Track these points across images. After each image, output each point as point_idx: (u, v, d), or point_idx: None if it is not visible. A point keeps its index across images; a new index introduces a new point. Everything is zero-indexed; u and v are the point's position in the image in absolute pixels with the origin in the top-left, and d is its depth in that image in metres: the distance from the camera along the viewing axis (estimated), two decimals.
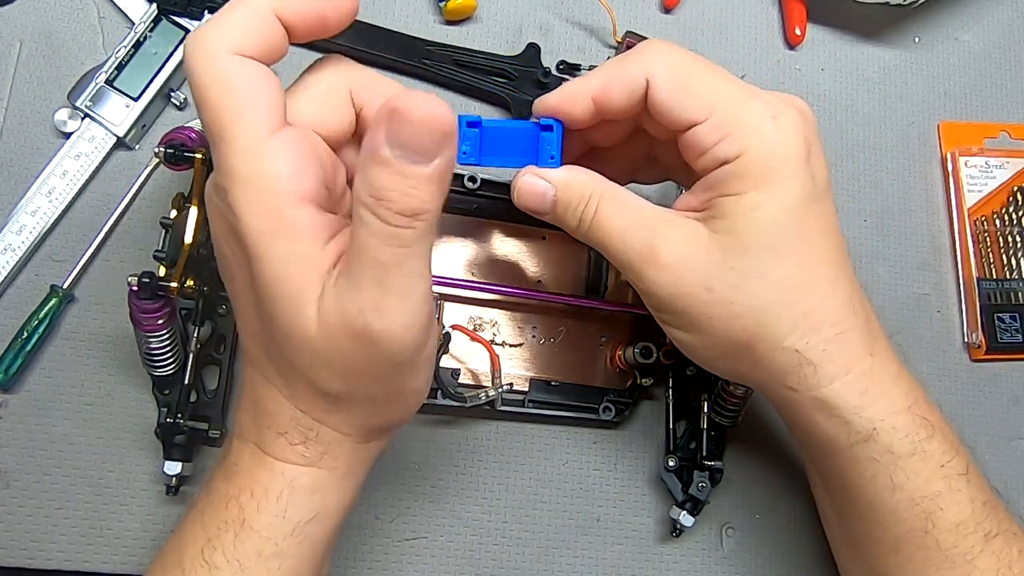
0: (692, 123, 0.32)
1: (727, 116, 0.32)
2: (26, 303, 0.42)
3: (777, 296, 0.33)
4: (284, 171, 0.26)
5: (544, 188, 0.34)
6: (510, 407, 0.44)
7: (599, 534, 0.46)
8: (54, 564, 0.41)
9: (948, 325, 0.53)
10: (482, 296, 0.46)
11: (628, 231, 0.34)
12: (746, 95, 0.32)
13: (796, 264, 0.33)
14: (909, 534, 0.35)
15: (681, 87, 0.32)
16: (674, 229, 0.33)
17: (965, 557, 0.34)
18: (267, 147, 0.26)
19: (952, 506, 0.34)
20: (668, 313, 0.35)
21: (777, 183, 0.32)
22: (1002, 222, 0.54)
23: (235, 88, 0.26)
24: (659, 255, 0.33)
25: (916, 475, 0.34)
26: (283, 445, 0.30)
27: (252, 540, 0.30)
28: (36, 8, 0.46)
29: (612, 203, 0.34)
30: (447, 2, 0.49)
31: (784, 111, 0.33)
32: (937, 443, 0.35)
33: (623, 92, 0.33)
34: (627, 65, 0.33)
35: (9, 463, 0.41)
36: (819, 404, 0.34)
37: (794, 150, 0.32)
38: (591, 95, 0.34)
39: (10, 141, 0.44)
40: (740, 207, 0.32)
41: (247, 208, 0.27)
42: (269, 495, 0.30)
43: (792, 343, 0.33)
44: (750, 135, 0.32)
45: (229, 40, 0.26)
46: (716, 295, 0.33)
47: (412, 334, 0.28)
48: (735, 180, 0.32)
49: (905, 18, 0.57)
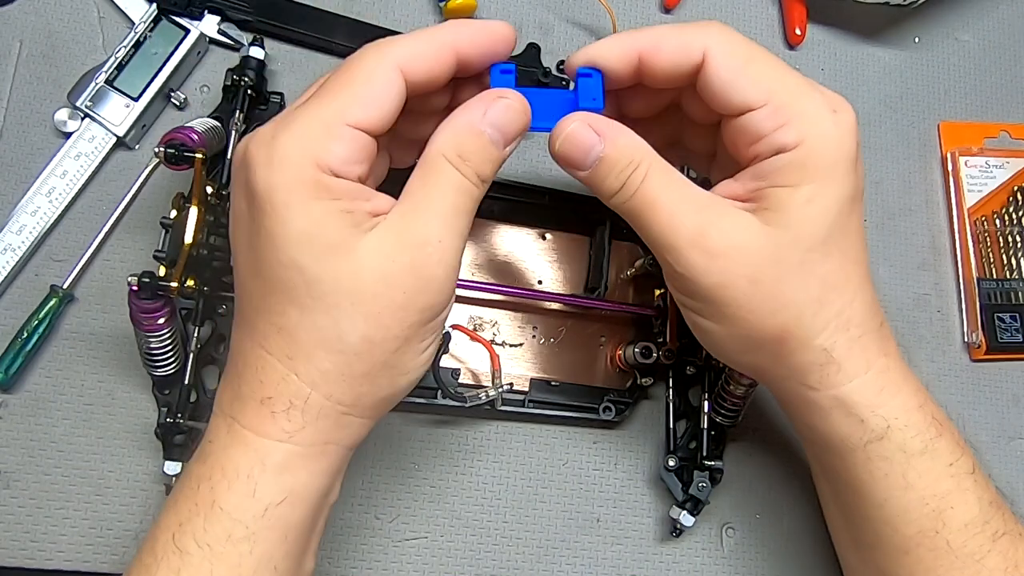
0: (749, 107, 0.32)
1: (788, 103, 0.31)
2: (26, 303, 0.42)
3: (818, 293, 0.32)
4: (339, 152, 0.29)
5: (592, 141, 0.32)
6: (510, 407, 0.44)
7: (599, 534, 0.46)
8: (54, 564, 0.41)
9: (948, 325, 0.53)
10: (482, 296, 0.46)
11: (677, 210, 0.32)
12: (808, 86, 0.32)
13: (838, 263, 0.33)
14: (920, 534, 0.35)
15: (741, 68, 0.32)
16: (727, 216, 0.32)
17: (974, 557, 0.34)
18: (342, 129, 0.29)
19: (961, 505, 0.34)
20: (702, 302, 0.33)
21: (833, 178, 0.32)
22: (1002, 222, 0.54)
23: (370, 82, 0.30)
24: (710, 241, 0.32)
25: (927, 473, 0.34)
26: (264, 415, 0.30)
27: (222, 522, 0.29)
28: (36, 8, 0.46)
29: (663, 176, 0.32)
30: (447, 2, 0.49)
31: (842, 106, 0.32)
32: (945, 442, 0.35)
33: (674, 56, 0.32)
34: (684, 33, 0.32)
35: (9, 463, 0.41)
36: (837, 402, 0.34)
37: (849, 147, 0.32)
38: (639, 49, 0.32)
39: (10, 141, 0.44)
40: (795, 199, 0.31)
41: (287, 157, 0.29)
42: (240, 473, 0.30)
43: (822, 341, 0.33)
44: (811, 125, 0.31)
45: (401, 57, 0.30)
46: (760, 288, 0.32)
47: (451, 284, 0.31)
48: (791, 171, 0.31)
49: (905, 18, 0.57)
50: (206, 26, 0.47)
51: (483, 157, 0.31)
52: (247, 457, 0.30)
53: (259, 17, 0.47)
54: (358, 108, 0.29)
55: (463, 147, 0.31)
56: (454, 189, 0.31)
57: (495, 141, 0.31)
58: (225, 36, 0.47)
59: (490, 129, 0.31)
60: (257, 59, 0.45)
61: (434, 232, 0.30)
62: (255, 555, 0.30)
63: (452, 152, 0.31)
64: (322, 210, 0.29)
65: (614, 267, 0.47)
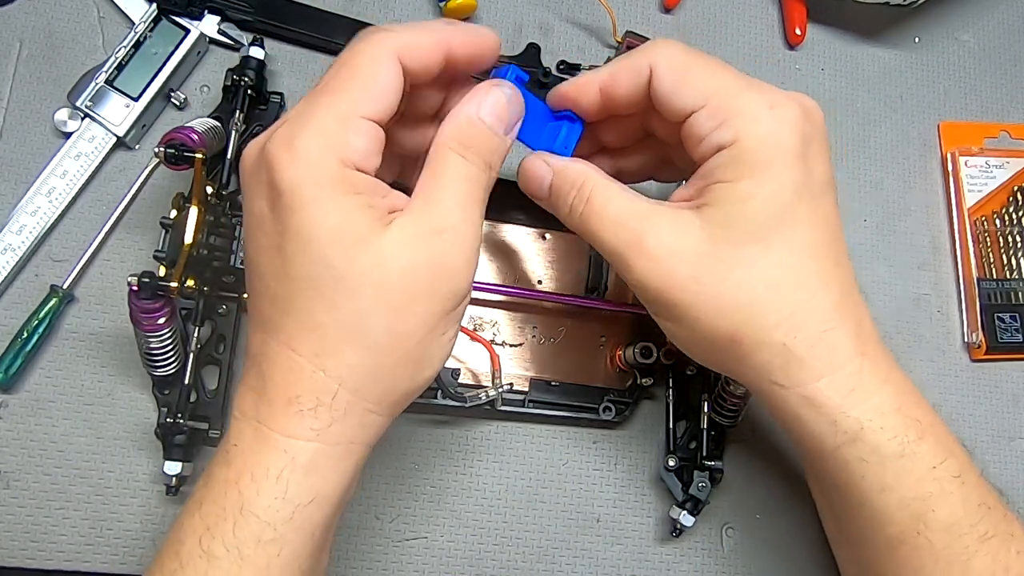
0: (691, 110, 0.33)
1: (724, 102, 0.32)
2: (26, 303, 0.42)
3: (764, 290, 0.33)
4: (359, 145, 0.30)
5: (544, 172, 0.36)
6: (510, 407, 0.44)
7: (599, 534, 0.46)
8: (54, 564, 0.41)
9: (948, 325, 0.53)
10: (482, 296, 0.46)
11: (619, 221, 0.34)
12: (744, 84, 0.33)
13: (785, 258, 0.33)
14: (901, 535, 0.35)
15: (680, 75, 0.33)
16: (665, 219, 0.33)
17: (960, 558, 0.34)
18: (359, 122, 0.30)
19: (943, 508, 0.34)
20: (657, 305, 0.35)
21: (770, 172, 0.32)
22: (1002, 222, 0.54)
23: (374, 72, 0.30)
24: (647, 246, 0.33)
25: (906, 476, 0.34)
26: (291, 414, 0.30)
27: (251, 526, 0.30)
28: (36, 8, 0.46)
29: (603, 193, 0.35)
30: (447, 2, 0.49)
31: (783, 103, 0.33)
32: (928, 445, 0.34)
33: (628, 82, 0.34)
34: (633, 57, 0.34)
35: (9, 463, 0.41)
36: (805, 401, 0.34)
37: (788, 141, 0.32)
38: (599, 85, 0.35)
39: (10, 141, 0.44)
40: (732, 195, 0.32)
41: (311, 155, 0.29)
42: (270, 475, 0.30)
43: (779, 337, 0.33)
44: (746, 121, 0.32)
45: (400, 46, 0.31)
46: (704, 287, 0.33)
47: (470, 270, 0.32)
48: (729, 167, 0.32)
49: (905, 18, 0.57)
50: (206, 26, 0.47)
51: (486, 146, 0.32)
52: (276, 458, 0.30)
53: (259, 17, 0.47)
54: (369, 100, 0.30)
55: (466, 137, 0.32)
56: (464, 178, 0.32)
57: (494, 129, 0.33)
58: (225, 36, 0.47)
59: (489, 118, 0.33)
60: (257, 59, 0.45)
61: (450, 220, 0.31)
62: (283, 557, 0.30)
63: (456, 143, 0.32)
64: (351, 204, 0.29)
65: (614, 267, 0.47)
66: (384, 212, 0.31)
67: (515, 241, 0.47)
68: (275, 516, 0.30)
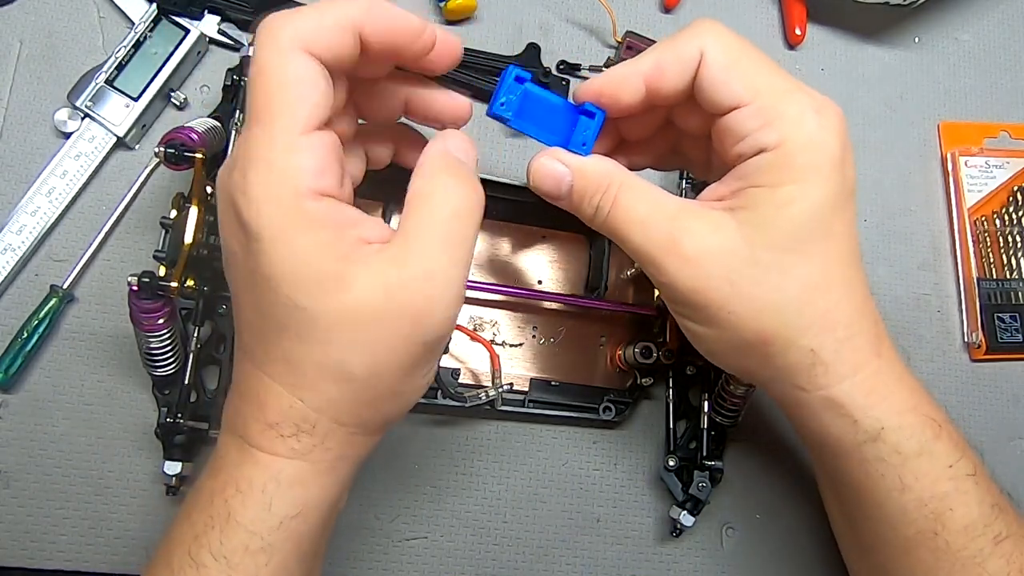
0: (735, 105, 0.32)
1: (771, 103, 0.31)
2: (26, 303, 0.42)
3: (798, 294, 0.32)
4: (309, 166, 0.28)
5: (561, 173, 0.34)
6: (510, 407, 0.44)
7: (599, 534, 0.46)
8: (54, 564, 0.41)
9: (948, 325, 0.53)
10: (482, 296, 0.46)
11: (649, 222, 0.33)
12: (791, 85, 0.32)
13: (820, 264, 0.33)
14: (919, 535, 0.35)
15: (732, 66, 0.32)
16: (699, 219, 0.32)
17: (974, 560, 0.34)
18: (299, 142, 0.28)
19: (960, 507, 0.34)
20: (686, 306, 0.34)
21: (814, 179, 0.32)
22: (1002, 222, 0.54)
23: (290, 82, 0.28)
24: (682, 246, 0.32)
25: (924, 475, 0.34)
26: (271, 437, 0.30)
27: (239, 535, 0.29)
28: (36, 8, 0.46)
29: (631, 193, 0.33)
30: (447, 2, 0.49)
31: (827, 108, 0.32)
32: (944, 444, 0.35)
33: (675, 72, 0.32)
34: (679, 43, 0.32)
35: (9, 463, 0.41)
36: (828, 403, 0.34)
37: (833, 148, 0.32)
38: (644, 77, 0.33)
39: (10, 141, 0.44)
40: (773, 200, 0.32)
41: (266, 193, 0.28)
42: (254, 488, 0.30)
43: (807, 342, 0.33)
44: (793, 126, 0.31)
45: (302, 36, 0.28)
46: (738, 289, 0.32)
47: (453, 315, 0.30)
48: (772, 171, 0.32)
49: (905, 18, 0.57)
50: (206, 26, 0.47)
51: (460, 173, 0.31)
52: (259, 473, 0.30)
53: (259, 17, 0.47)
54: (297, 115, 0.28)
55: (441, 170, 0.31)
56: (450, 216, 0.30)
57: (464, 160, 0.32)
58: (225, 36, 0.47)
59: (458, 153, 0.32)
60: None
61: (433, 264, 0.29)
62: (271, 566, 0.30)
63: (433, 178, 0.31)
64: (313, 242, 0.28)
65: (614, 267, 0.47)
66: (354, 245, 0.29)
67: (515, 241, 0.47)
68: (261, 527, 0.30)
